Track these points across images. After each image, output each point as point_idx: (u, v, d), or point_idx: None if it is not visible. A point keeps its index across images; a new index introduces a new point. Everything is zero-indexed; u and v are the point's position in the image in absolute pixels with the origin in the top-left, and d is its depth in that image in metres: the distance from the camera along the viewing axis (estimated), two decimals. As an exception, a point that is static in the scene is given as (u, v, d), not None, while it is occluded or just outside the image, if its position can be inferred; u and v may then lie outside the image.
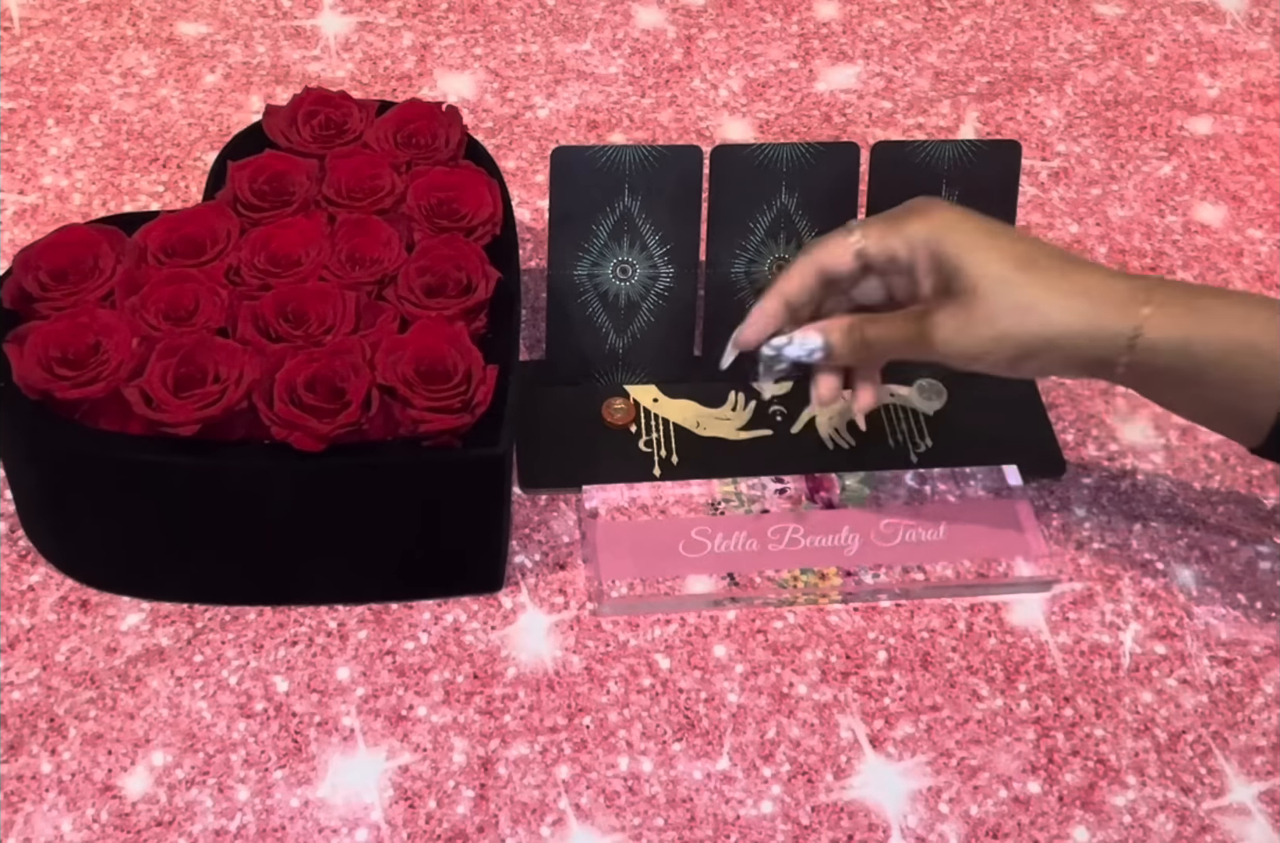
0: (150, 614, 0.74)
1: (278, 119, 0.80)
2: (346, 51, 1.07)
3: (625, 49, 1.09)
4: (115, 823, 0.67)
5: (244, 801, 0.68)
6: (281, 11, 1.10)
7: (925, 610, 0.77)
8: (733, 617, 0.76)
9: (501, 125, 1.02)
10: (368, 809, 0.68)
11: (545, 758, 0.70)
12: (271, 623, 0.74)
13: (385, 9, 1.11)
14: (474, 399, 0.68)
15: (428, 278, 0.73)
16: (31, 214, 0.93)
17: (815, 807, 0.69)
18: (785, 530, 0.78)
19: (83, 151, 0.97)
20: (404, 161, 0.79)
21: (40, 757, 0.69)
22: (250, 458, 0.67)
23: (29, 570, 0.76)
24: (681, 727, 0.71)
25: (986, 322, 0.65)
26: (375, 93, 1.03)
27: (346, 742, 0.70)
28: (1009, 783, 0.70)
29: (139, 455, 0.67)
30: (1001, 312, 0.65)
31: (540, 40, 1.09)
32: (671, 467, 0.81)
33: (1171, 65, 1.11)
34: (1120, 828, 0.69)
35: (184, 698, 0.71)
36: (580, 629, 0.75)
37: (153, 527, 0.71)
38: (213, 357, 0.68)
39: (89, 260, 0.72)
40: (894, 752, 0.71)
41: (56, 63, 1.04)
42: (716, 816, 0.69)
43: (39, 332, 0.68)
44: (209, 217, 0.74)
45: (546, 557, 0.78)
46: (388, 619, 0.75)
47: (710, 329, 0.85)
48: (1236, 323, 0.63)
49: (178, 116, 1.00)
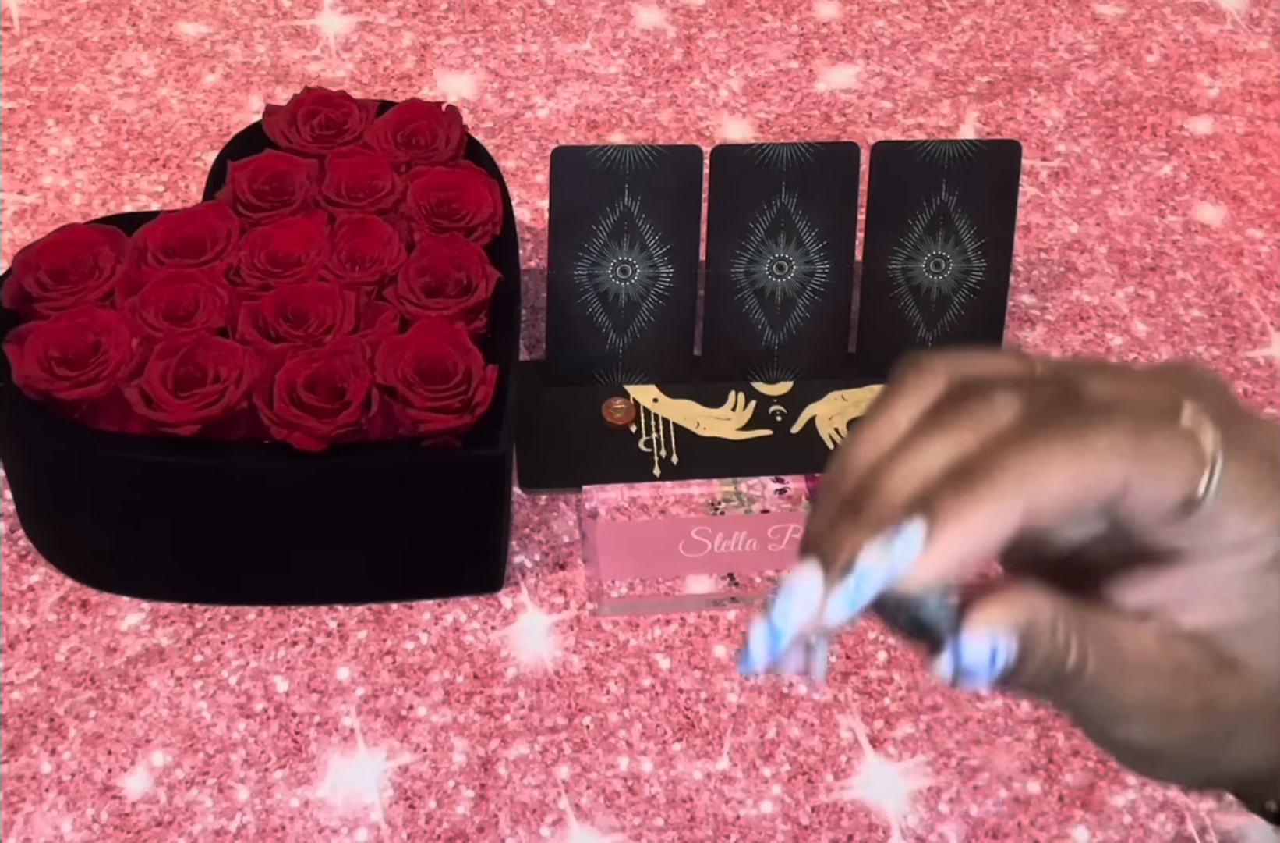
0: (150, 614, 0.74)
1: (278, 119, 0.80)
2: (346, 51, 1.07)
3: (625, 49, 1.09)
4: (115, 823, 0.67)
5: (244, 801, 0.68)
6: (281, 11, 1.10)
7: (925, 610, 0.77)
8: (733, 617, 0.76)
9: (501, 125, 1.02)
10: (368, 809, 0.68)
11: (545, 758, 0.70)
12: (271, 623, 0.74)
13: (385, 9, 1.10)
14: (474, 399, 0.68)
15: (427, 278, 0.73)
16: (31, 214, 0.93)
17: (815, 807, 0.69)
18: (785, 530, 0.78)
19: (83, 151, 0.97)
20: (404, 161, 0.79)
21: (40, 757, 0.69)
22: (250, 458, 0.67)
23: (29, 570, 0.76)
24: (681, 727, 0.71)
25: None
26: (375, 93, 1.03)
27: (346, 742, 0.70)
28: (1009, 783, 0.70)
29: (139, 455, 0.67)
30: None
31: (540, 40, 1.09)
32: (671, 467, 0.81)
33: (1172, 65, 1.11)
34: (1120, 828, 0.69)
35: (184, 698, 0.71)
36: (580, 629, 0.75)
37: (152, 527, 0.71)
38: (212, 357, 0.68)
39: (89, 260, 0.72)
40: (894, 752, 0.71)
41: (56, 63, 1.04)
42: (716, 816, 0.68)
43: (39, 332, 0.68)
44: (209, 216, 0.74)
45: (546, 557, 0.78)
46: (388, 619, 0.75)
47: (710, 329, 0.85)
48: None
49: (178, 116, 1.00)
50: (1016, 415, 0.32)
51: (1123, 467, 0.31)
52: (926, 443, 0.33)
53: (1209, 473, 0.32)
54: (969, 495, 0.31)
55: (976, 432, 0.32)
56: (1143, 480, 0.31)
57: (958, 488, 0.31)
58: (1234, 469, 0.32)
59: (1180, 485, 0.31)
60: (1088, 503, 0.31)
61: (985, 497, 0.31)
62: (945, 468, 0.32)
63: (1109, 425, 0.31)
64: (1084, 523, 0.34)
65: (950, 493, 0.31)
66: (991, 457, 0.31)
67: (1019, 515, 0.31)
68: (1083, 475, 0.31)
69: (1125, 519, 0.32)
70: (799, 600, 0.32)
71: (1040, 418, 0.32)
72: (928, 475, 0.32)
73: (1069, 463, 0.31)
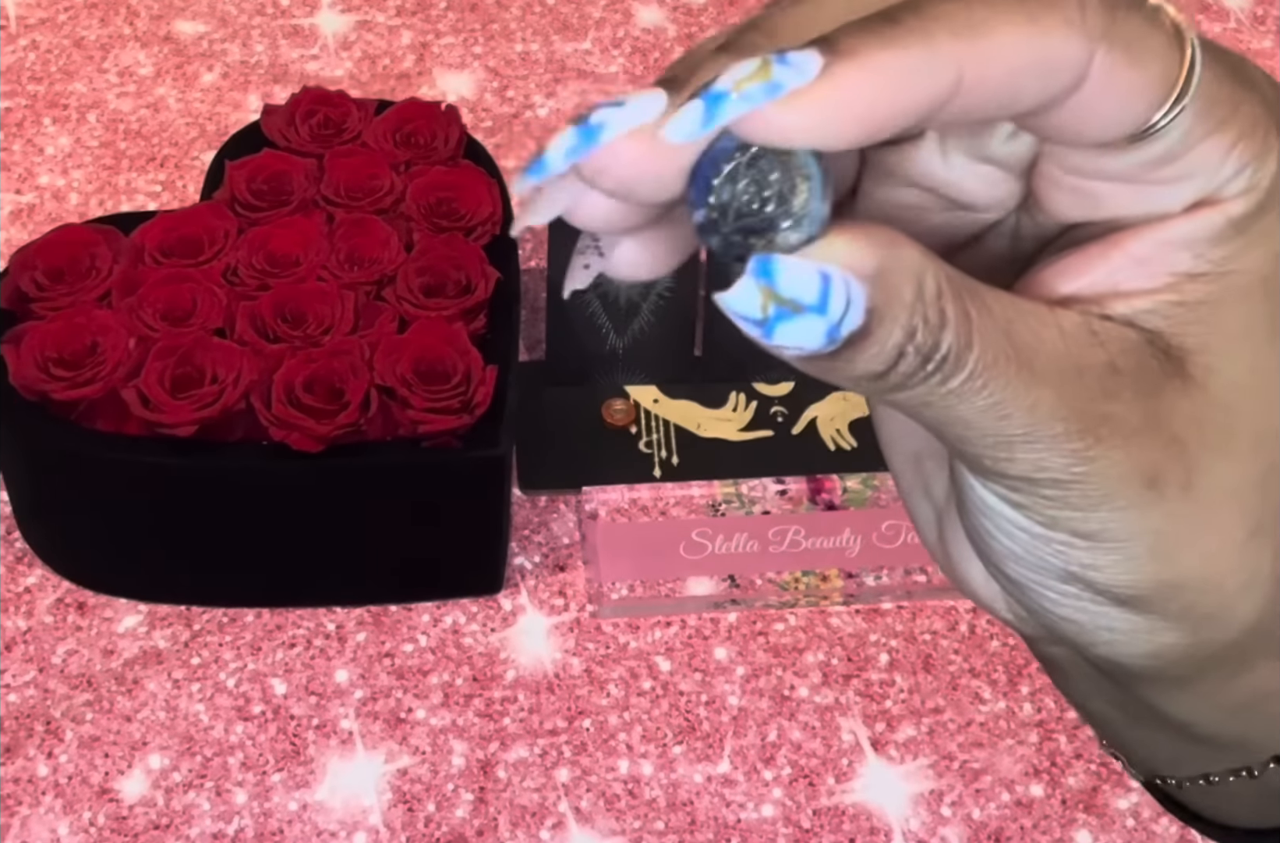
0: (147, 616, 0.74)
1: (276, 118, 0.80)
2: (345, 50, 1.06)
3: (626, 48, 1.09)
4: (112, 826, 0.66)
5: (242, 804, 0.67)
6: (279, 10, 1.09)
7: (927, 613, 0.76)
8: (733, 619, 0.76)
9: (501, 124, 1.02)
10: (366, 813, 0.68)
11: (545, 761, 0.69)
12: (269, 625, 0.74)
13: (384, 7, 1.10)
14: (473, 400, 0.68)
15: (427, 278, 0.73)
16: (28, 214, 0.93)
17: (817, 810, 0.69)
18: (786, 532, 0.77)
19: (79, 151, 0.97)
20: (403, 161, 0.78)
21: (37, 760, 0.68)
22: (248, 459, 0.67)
23: (25, 572, 0.75)
24: (682, 730, 0.71)
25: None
26: (374, 92, 1.03)
27: (345, 745, 0.70)
28: (1012, 786, 0.70)
29: (136, 456, 0.67)
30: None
31: (540, 39, 1.09)
32: (672, 468, 0.81)
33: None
34: (1124, 831, 0.69)
35: (181, 701, 0.71)
36: (580, 632, 0.75)
37: (150, 528, 0.71)
38: (210, 357, 0.68)
39: (86, 260, 0.71)
40: (896, 755, 0.71)
41: (53, 61, 1.03)
42: (717, 819, 0.68)
43: (35, 332, 0.68)
44: (207, 216, 0.74)
45: (546, 558, 0.77)
46: (386, 621, 0.74)
47: (711, 329, 0.85)
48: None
49: (175, 116, 1.00)
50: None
51: (1087, 46, 0.21)
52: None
53: (1188, 70, 0.22)
54: (889, 34, 0.21)
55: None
56: (1108, 69, 0.22)
57: (875, 25, 0.21)
58: (1210, 80, 0.23)
59: (1150, 85, 0.22)
60: (1031, 90, 0.22)
61: (911, 42, 0.21)
62: (862, 8, 0.22)
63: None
64: (1009, 139, 0.25)
65: (861, 28, 0.21)
66: (926, 1, 0.21)
67: (950, 79, 0.21)
68: (1037, 45, 0.21)
69: (1061, 136, 0.23)
70: (631, 109, 0.21)
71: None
72: (836, 16, 0.22)
73: (1022, 25, 0.21)
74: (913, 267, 0.22)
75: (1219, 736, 0.29)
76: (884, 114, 0.21)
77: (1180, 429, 0.24)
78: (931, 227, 0.26)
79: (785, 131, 0.20)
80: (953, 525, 0.28)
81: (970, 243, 0.27)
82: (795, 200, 0.21)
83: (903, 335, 0.21)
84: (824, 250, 0.21)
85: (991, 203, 0.26)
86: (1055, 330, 0.23)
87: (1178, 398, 0.24)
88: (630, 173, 0.21)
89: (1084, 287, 0.24)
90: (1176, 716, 0.28)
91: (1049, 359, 0.23)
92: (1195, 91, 0.22)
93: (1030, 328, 0.23)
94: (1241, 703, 0.27)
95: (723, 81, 0.21)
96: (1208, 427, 0.24)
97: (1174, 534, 0.24)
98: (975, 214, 0.26)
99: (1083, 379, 0.23)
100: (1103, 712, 0.31)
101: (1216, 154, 0.23)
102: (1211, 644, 0.26)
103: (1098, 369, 0.23)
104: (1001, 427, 0.22)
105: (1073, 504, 0.23)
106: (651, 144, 0.21)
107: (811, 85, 0.20)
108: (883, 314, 0.21)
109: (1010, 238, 0.26)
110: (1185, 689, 0.27)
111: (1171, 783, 0.31)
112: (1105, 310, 0.24)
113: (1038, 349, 0.22)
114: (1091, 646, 0.26)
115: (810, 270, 0.21)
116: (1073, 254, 0.24)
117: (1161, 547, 0.24)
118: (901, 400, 0.23)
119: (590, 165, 0.21)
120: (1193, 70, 0.22)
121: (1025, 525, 0.24)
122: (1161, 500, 0.24)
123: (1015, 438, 0.23)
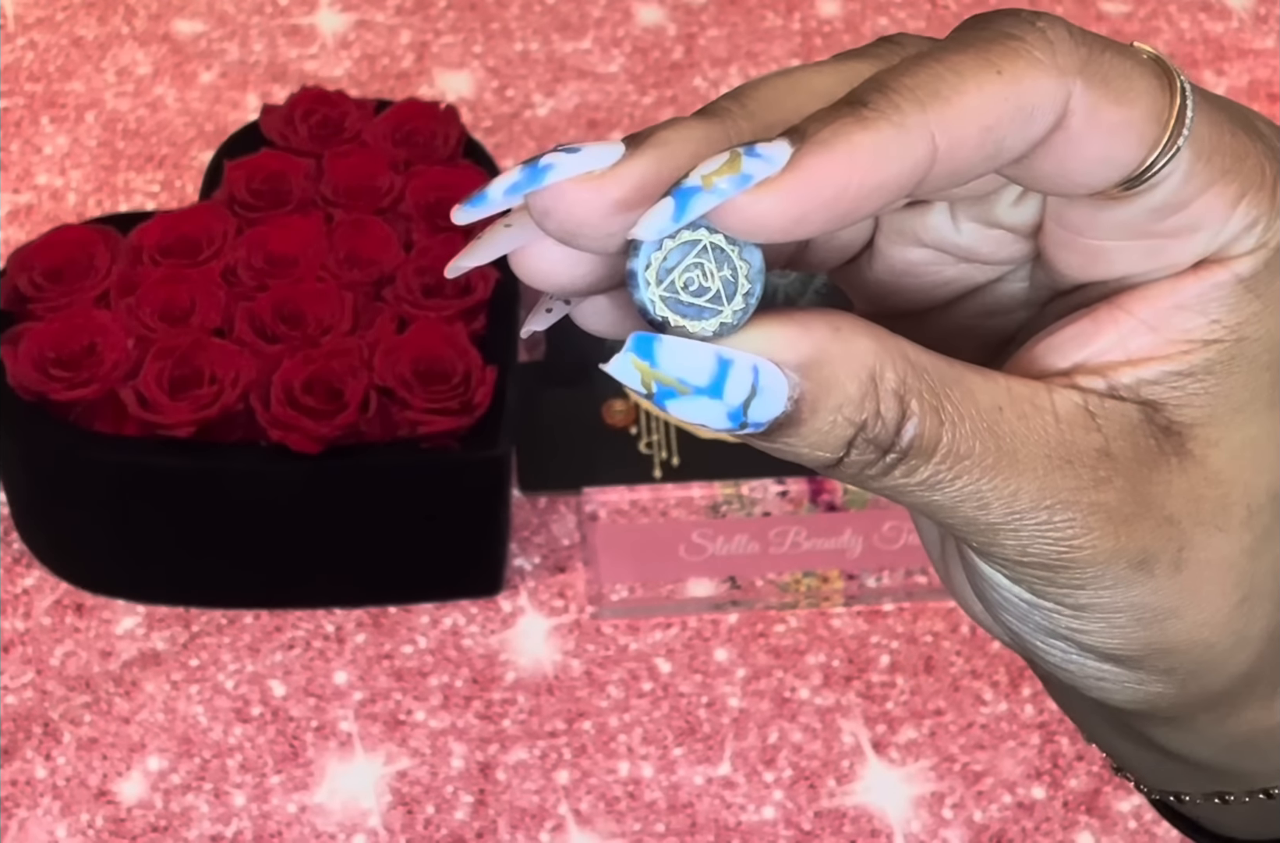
0: (146, 618, 0.74)
1: (275, 118, 0.80)
2: (344, 50, 1.06)
3: (626, 47, 1.08)
4: (110, 829, 0.66)
5: (240, 806, 0.67)
6: (278, 9, 1.09)
7: (928, 614, 0.76)
8: (734, 620, 0.75)
9: (500, 124, 1.01)
10: (365, 815, 0.67)
11: (545, 763, 0.69)
12: (268, 627, 0.74)
13: (383, 7, 1.10)
14: (473, 400, 0.68)
15: (426, 278, 0.72)
16: (26, 214, 0.93)
17: (817, 812, 0.69)
18: (787, 533, 0.77)
19: (78, 150, 0.97)
20: (402, 161, 0.78)
21: (35, 762, 0.68)
22: (247, 460, 0.67)
23: (23, 574, 0.75)
24: (682, 732, 0.71)
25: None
26: (373, 91, 1.02)
27: (344, 747, 0.69)
28: (1013, 788, 0.70)
29: (134, 457, 0.67)
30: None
31: (539, 38, 1.08)
32: (672, 469, 0.81)
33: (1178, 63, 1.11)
34: (1125, 833, 0.69)
35: (180, 703, 0.71)
36: (580, 633, 0.74)
37: (148, 529, 0.71)
38: (209, 357, 0.67)
39: (84, 260, 0.71)
40: (897, 757, 0.71)
41: (51, 61, 1.03)
42: (717, 821, 0.68)
43: (34, 332, 0.68)
44: (205, 216, 0.74)
45: (546, 560, 0.77)
46: (385, 623, 0.74)
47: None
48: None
49: (174, 115, 1.00)
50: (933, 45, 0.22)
51: (1062, 83, 0.21)
52: (819, 67, 0.23)
53: (1179, 110, 0.21)
54: (855, 117, 0.20)
55: (884, 59, 0.23)
56: (1091, 105, 0.21)
57: (841, 109, 0.20)
58: (1209, 126, 0.21)
59: (1137, 123, 0.21)
60: (1013, 139, 0.21)
61: (878, 122, 0.20)
62: (835, 89, 0.22)
63: (1043, 37, 0.21)
64: (1016, 204, 0.24)
65: (829, 113, 0.20)
66: (887, 74, 0.21)
67: (924, 151, 0.20)
68: (1008, 95, 0.20)
69: (1055, 184, 0.22)
70: (585, 156, 0.21)
71: (960, 38, 0.21)
72: (814, 92, 0.22)
73: (989, 81, 0.20)
74: (862, 358, 0.21)
75: (1217, 766, 0.29)
76: (855, 197, 0.20)
77: (1174, 509, 0.23)
78: (946, 277, 0.26)
79: (755, 221, 0.20)
80: (953, 556, 0.28)
81: (986, 285, 0.26)
82: (725, 290, 0.21)
83: (847, 426, 0.21)
84: (739, 338, 0.21)
85: (1005, 259, 0.26)
86: (1050, 417, 0.22)
87: (1174, 477, 0.23)
88: (575, 215, 0.21)
89: (1092, 355, 0.23)
90: (1171, 749, 0.28)
91: (1036, 447, 0.22)
92: (1189, 133, 0.21)
93: (1021, 414, 0.22)
94: (1237, 740, 0.27)
95: (693, 176, 0.20)
96: (1203, 503, 0.23)
97: (1163, 608, 0.23)
98: (990, 265, 0.26)
99: (1072, 468, 0.22)
100: (1106, 738, 0.31)
101: (1222, 206, 0.22)
102: (1202, 693, 0.25)
103: (1090, 456, 0.22)
104: (979, 516, 0.22)
105: (1059, 583, 0.23)
106: (597, 189, 0.21)
107: (779, 175, 0.20)
108: (816, 405, 0.21)
109: (1027, 281, 0.26)
110: (1178, 728, 0.27)
111: (1187, 800, 0.31)
112: (1111, 380, 0.23)
113: (1026, 437, 0.22)
114: (1084, 689, 0.26)
115: (699, 353, 0.21)
116: (1082, 319, 0.24)
117: (1149, 618, 0.24)
118: (875, 490, 0.22)
119: (536, 205, 0.21)
120: (1184, 111, 0.21)
121: (1015, 591, 0.24)
122: (1151, 579, 0.23)
123: (997, 526, 0.22)
